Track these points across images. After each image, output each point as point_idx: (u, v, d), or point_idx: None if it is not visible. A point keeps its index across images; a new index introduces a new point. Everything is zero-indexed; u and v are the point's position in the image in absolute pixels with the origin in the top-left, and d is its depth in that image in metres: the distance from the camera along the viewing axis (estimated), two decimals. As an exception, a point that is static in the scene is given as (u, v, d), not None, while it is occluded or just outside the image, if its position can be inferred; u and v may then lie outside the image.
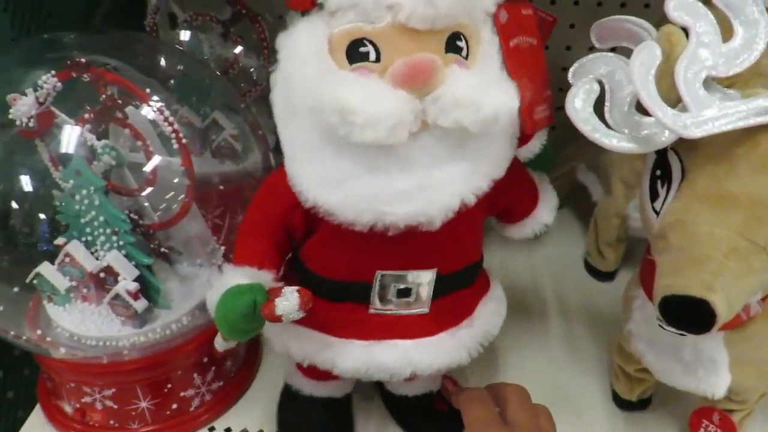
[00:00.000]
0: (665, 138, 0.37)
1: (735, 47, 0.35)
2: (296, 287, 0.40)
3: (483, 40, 0.39)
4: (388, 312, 0.44)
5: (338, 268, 0.44)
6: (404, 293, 0.44)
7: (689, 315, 0.36)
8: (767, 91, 0.35)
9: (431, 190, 0.37)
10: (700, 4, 0.36)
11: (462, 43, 0.38)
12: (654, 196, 0.41)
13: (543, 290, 0.74)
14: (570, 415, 0.56)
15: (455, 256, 0.45)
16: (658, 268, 0.39)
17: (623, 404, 0.58)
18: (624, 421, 0.57)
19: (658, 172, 0.41)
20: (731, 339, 0.45)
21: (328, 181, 0.38)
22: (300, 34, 0.38)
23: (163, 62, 0.60)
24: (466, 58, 0.38)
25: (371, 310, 0.44)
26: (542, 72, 0.43)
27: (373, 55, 0.37)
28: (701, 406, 0.51)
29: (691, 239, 0.37)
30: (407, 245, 0.41)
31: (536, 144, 0.66)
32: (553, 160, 0.69)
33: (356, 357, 0.44)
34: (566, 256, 0.79)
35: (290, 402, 0.55)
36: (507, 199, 0.47)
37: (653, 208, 0.41)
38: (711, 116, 0.35)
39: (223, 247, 0.55)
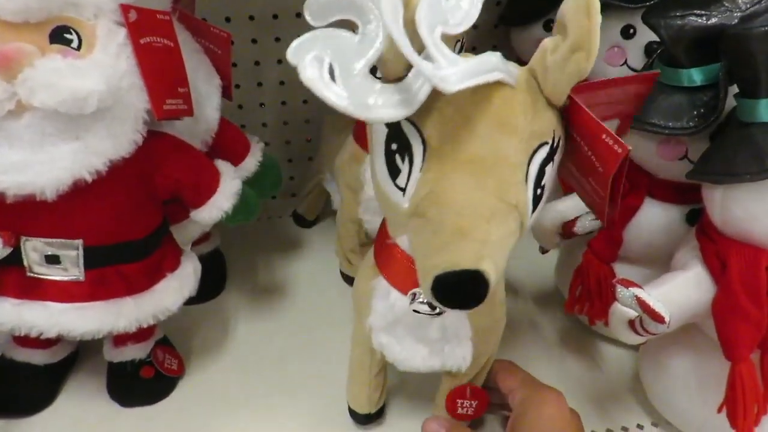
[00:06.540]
0: (422, 95, 0.33)
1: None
2: None
3: (100, 34, 0.43)
4: (43, 276, 0.49)
5: None
6: (53, 260, 0.48)
7: (462, 289, 0.34)
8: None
9: (41, 165, 0.42)
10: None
11: (71, 36, 0.42)
12: (395, 172, 0.37)
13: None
14: None
15: (104, 231, 0.49)
16: (419, 249, 0.37)
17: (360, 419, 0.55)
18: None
19: (395, 146, 0.37)
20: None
21: None
22: None
23: None
24: (78, 48, 0.42)
25: (29, 274, 0.49)
26: (178, 71, 0.48)
27: None
28: (452, 390, 0.51)
29: (451, 210, 0.35)
30: (48, 215, 0.46)
31: (252, 162, 0.59)
32: (279, 179, 0.67)
33: (6, 313, 0.48)
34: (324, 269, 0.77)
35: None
36: (172, 182, 0.51)
37: (396, 185, 0.37)
38: (463, 70, 0.32)
39: None
